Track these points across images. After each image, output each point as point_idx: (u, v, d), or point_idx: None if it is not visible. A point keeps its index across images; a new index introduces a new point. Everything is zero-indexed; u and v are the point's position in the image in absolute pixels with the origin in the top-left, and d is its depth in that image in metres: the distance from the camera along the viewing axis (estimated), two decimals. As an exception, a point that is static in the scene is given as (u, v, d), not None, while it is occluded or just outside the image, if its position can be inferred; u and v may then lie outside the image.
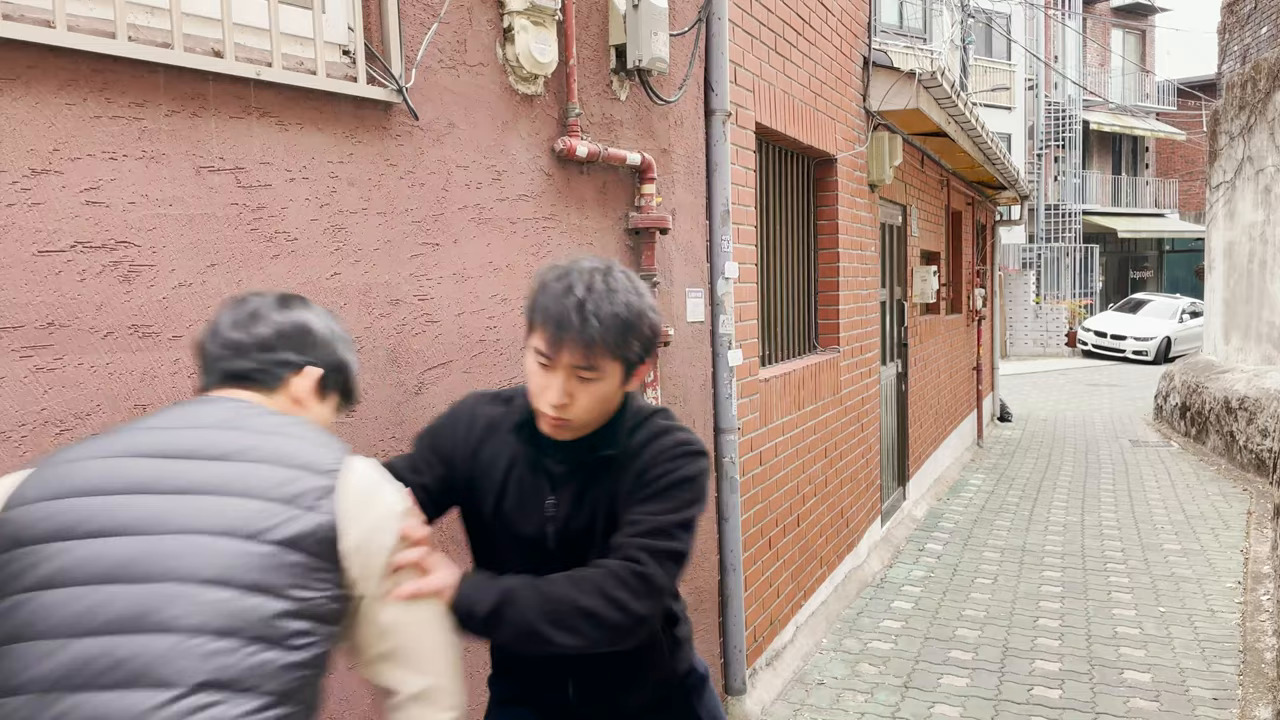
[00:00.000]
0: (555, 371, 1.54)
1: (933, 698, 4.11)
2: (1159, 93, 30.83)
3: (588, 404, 1.56)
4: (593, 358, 1.51)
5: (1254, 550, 6.26)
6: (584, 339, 1.49)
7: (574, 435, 1.61)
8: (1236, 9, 11.34)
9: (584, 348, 1.50)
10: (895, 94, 5.78)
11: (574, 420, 1.57)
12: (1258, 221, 10.04)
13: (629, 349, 1.54)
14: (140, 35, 1.68)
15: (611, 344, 1.51)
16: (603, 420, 1.63)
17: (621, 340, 1.52)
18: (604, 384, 1.56)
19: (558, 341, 1.51)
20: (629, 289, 1.55)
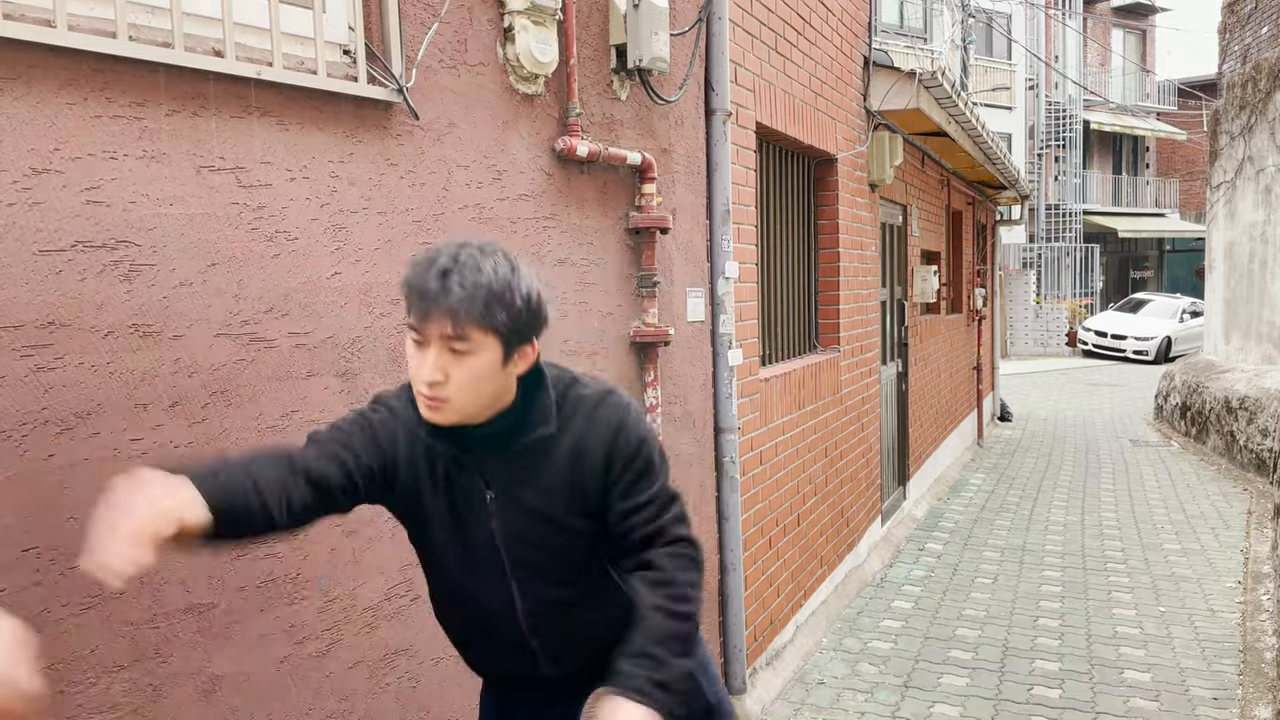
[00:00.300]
0: (428, 347, 1.49)
1: (933, 697, 4.11)
2: (1159, 92, 30.82)
3: (463, 381, 1.50)
4: (460, 326, 1.46)
5: (1254, 550, 6.26)
6: (448, 305, 1.45)
7: (455, 420, 1.54)
8: (1237, 9, 11.34)
9: (449, 315, 1.45)
10: (896, 94, 5.78)
11: (451, 400, 1.51)
12: (1258, 221, 10.04)
13: (495, 318, 1.48)
14: (141, 35, 1.68)
15: (478, 312, 1.46)
16: (488, 402, 1.56)
17: (486, 308, 1.47)
18: (478, 360, 1.49)
19: (425, 312, 1.47)
20: (500, 263, 1.50)
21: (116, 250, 1.65)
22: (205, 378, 1.80)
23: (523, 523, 1.64)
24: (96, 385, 1.63)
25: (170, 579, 1.74)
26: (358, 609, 2.13)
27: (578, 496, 1.64)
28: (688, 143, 3.55)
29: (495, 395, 1.56)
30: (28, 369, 1.54)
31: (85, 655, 1.62)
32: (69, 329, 1.59)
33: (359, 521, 2.13)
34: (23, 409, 1.53)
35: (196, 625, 1.79)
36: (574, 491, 1.64)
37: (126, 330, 1.67)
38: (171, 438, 1.74)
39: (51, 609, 1.57)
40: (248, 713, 1.88)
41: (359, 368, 2.13)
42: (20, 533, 1.53)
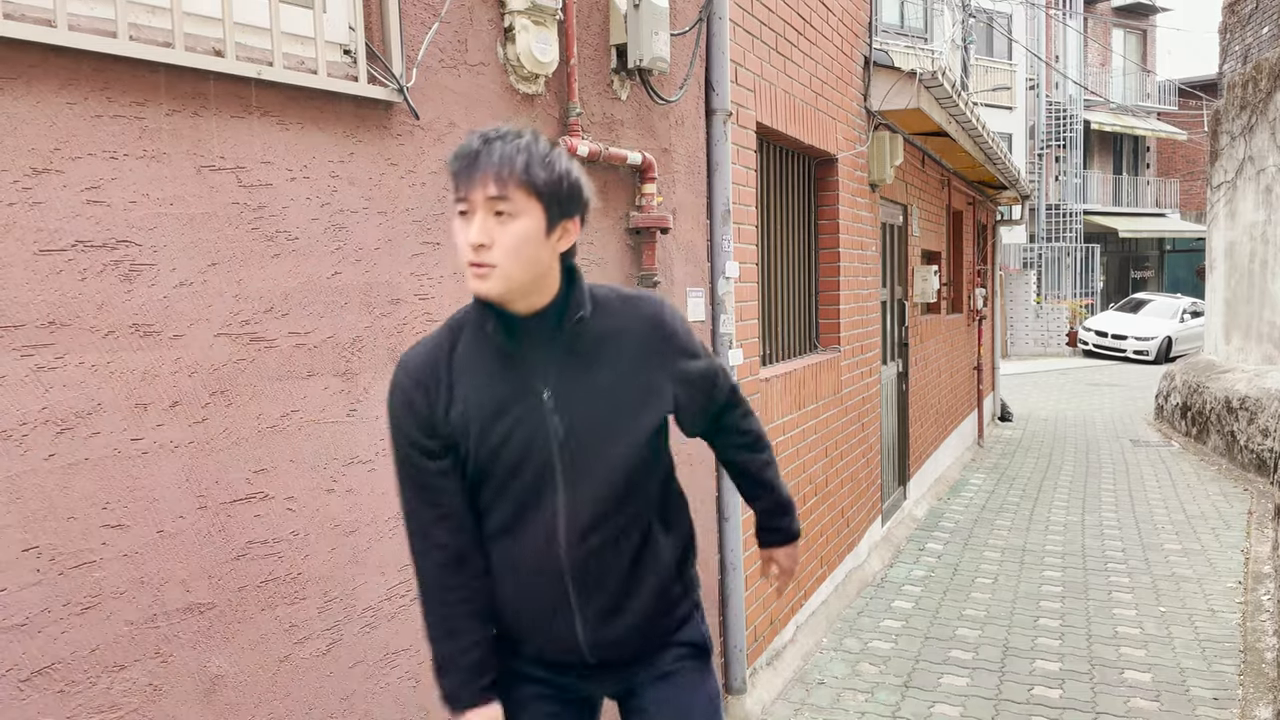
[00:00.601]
0: (473, 215, 1.55)
1: (933, 697, 4.11)
2: (1160, 92, 30.82)
3: (508, 245, 1.54)
4: (503, 184, 1.52)
5: (1254, 550, 6.26)
6: (490, 164, 1.52)
7: (500, 290, 1.57)
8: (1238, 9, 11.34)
9: (493, 174, 1.52)
10: (896, 94, 5.78)
11: (498, 265, 1.55)
12: (1259, 221, 10.04)
13: (536, 177, 1.54)
14: (141, 35, 1.68)
15: (520, 168, 1.52)
16: (532, 277, 1.59)
17: (527, 168, 1.53)
18: (521, 223, 1.55)
19: (469, 177, 1.53)
20: (540, 138, 1.59)
21: (117, 250, 1.65)
22: (205, 377, 1.80)
23: (585, 421, 1.65)
24: (97, 385, 1.63)
25: (170, 579, 1.74)
26: (358, 609, 2.13)
27: (649, 398, 1.70)
28: (688, 143, 3.55)
29: (539, 271, 1.60)
30: (28, 368, 1.54)
31: (85, 655, 1.62)
32: (69, 328, 1.59)
33: (359, 521, 2.13)
34: (23, 408, 1.53)
35: (197, 625, 1.79)
36: (644, 395, 1.69)
37: (127, 330, 1.67)
38: (172, 438, 1.74)
39: (52, 609, 1.57)
40: (248, 713, 1.88)
41: (359, 368, 2.13)
42: (21, 532, 1.53)
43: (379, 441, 2.18)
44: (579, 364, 1.66)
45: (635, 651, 1.81)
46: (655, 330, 1.72)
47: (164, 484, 1.73)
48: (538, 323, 1.64)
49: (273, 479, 1.93)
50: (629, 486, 1.71)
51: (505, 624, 1.79)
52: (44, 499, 1.56)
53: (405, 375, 1.68)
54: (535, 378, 1.65)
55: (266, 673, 1.92)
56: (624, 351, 1.69)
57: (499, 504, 1.70)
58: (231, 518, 1.85)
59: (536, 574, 1.71)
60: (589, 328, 1.67)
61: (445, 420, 1.65)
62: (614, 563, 1.73)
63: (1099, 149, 29.68)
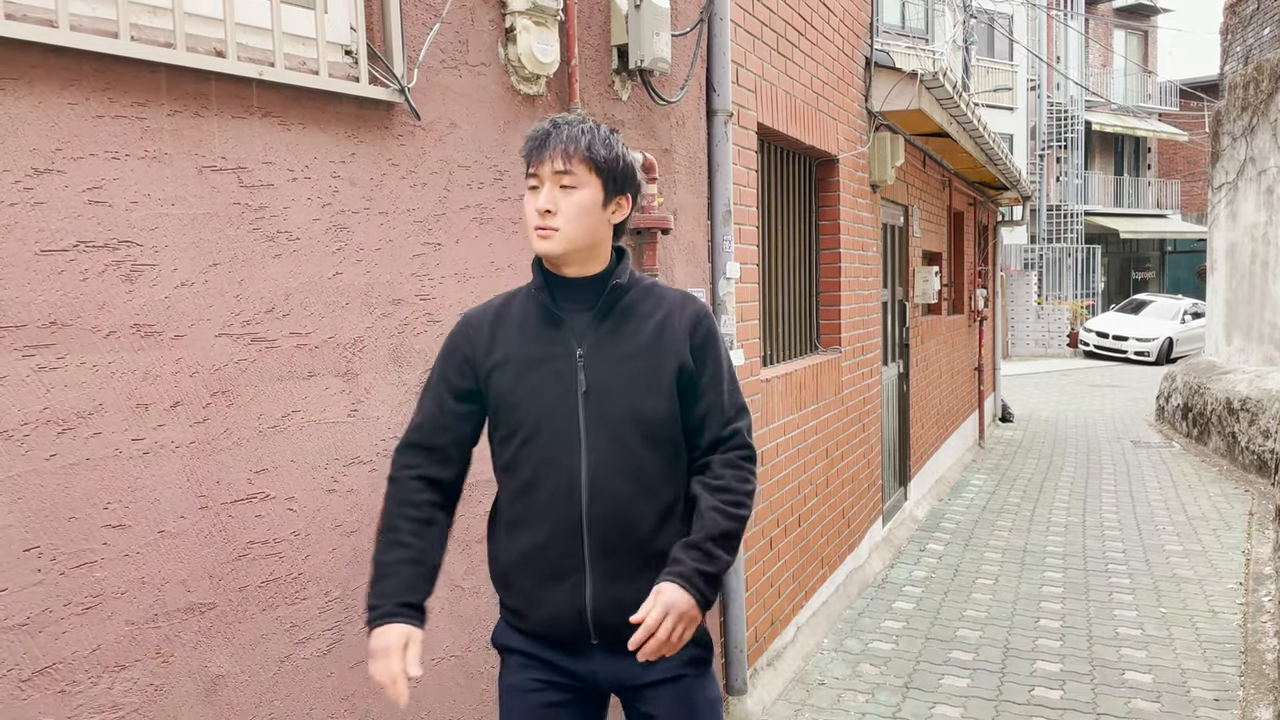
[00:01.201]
0: (541, 187, 1.76)
1: (934, 698, 4.11)
2: (1161, 93, 30.81)
3: (570, 212, 1.76)
4: (568, 159, 1.75)
5: (1255, 551, 6.26)
6: (559, 142, 1.75)
7: (561, 249, 1.77)
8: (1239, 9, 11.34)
9: (561, 150, 1.75)
10: (897, 94, 5.78)
11: (560, 229, 1.76)
12: (1260, 222, 10.04)
13: (597, 154, 1.76)
14: (143, 35, 1.68)
15: (584, 146, 1.76)
16: (589, 242, 1.80)
17: (590, 146, 1.76)
18: (582, 194, 1.77)
19: (539, 155, 1.77)
20: (600, 125, 1.82)
21: (118, 250, 1.65)
22: (206, 378, 1.80)
23: (606, 378, 1.80)
24: (98, 385, 1.63)
25: (171, 579, 1.75)
26: (359, 609, 2.13)
27: (661, 366, 1.82)
28: (689, 143, 3.55)
29: (595, 239, 1.81)
30: (29, 368, 1.54)
31: (86, 655, 1.62)
32: (70, 329, 1.59)
33: (360, 521, 2.13)
34: (24, 408, 1.53)
35: (198, 625, 1.79)
36: (658, 359, 1.82)
37: (128, 330, 1.67)
38: (173, 438, 1.74)
39: (53, 608, 1.57)
40: (248, 712, 1.89)
41: (360, 368, 2.13)
42: (22, 532, 1.53)
43: (380, 442, 2.18)
44: (611, 330, 1.83)
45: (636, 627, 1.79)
46: (692, 321, 1.86)
47: (165, 484, 1.73)
48: (582, 289, 1.83)
49: (274, 479, 1.93)
50: (648, 452, 1.81)
51: (515, 588, 1.85)
52: (45, 499, 1.56)
53: (462, 322, 1.91)
54: (571, 337, 1.82)
55: (267, 673, 1.92)
56: (654, 329, 1.83)
57: (526, 457, 1.81)
58: (233, 518, 1.85)
59: (555, 527, 1.79)
60: (627, 301, 1.85)
61: (484, 366, 1.84)
62: (633, 525, 1.80)
63: (1100, 150, 29.67)
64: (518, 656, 1.87)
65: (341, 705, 2.09)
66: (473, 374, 1.85)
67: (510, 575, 1.85)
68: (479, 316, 1.90)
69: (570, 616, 1.80)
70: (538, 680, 1.85)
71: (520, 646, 1.86)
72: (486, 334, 1.86)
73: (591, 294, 1.83)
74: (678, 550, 1.76)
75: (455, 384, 1.85)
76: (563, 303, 1.83)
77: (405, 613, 1.75)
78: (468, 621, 2.45)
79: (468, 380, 1.85)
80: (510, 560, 1.85)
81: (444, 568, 2.36)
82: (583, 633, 1.81)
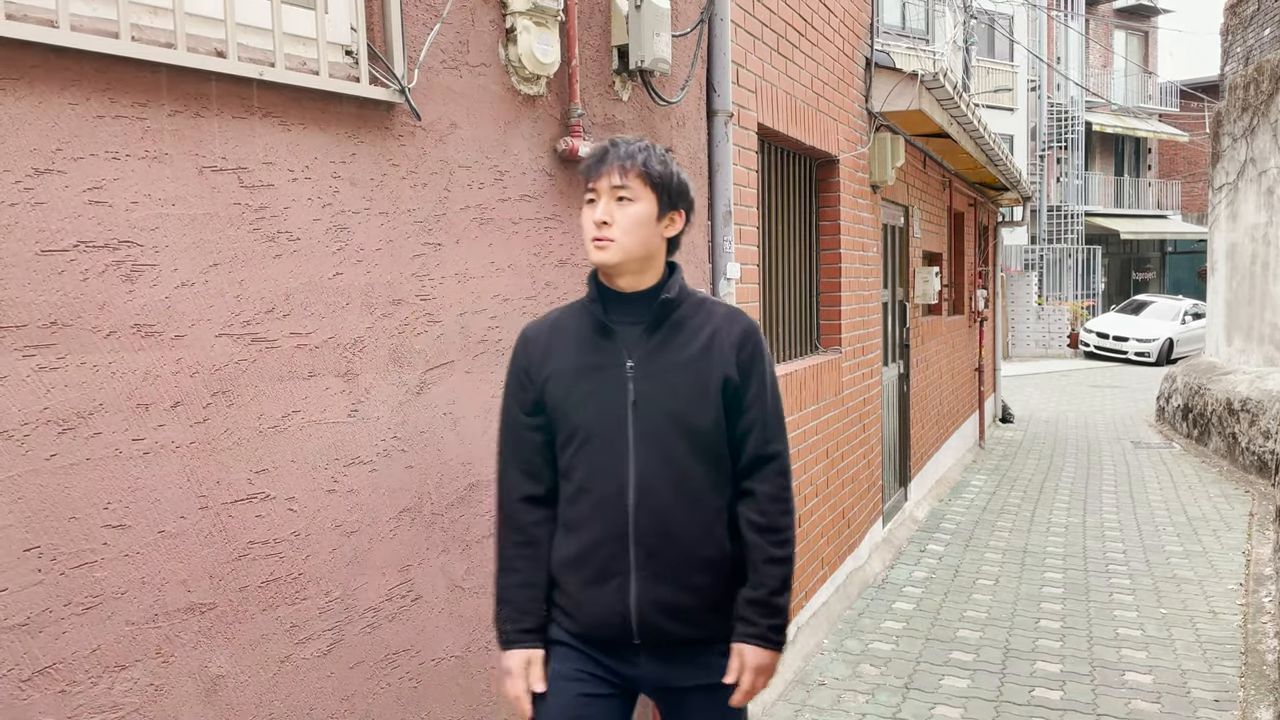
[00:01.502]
0: (599, 200, 1.87)
1: (934, 699, 4.11)
2: (1161, 94, 30.80)
3: (626, 224, 1.85)
4: (625, 174, 1.85)
5: (1256, 552, 6.25)
6: (616, 158, 1.86)
7: (617, 259, 1.86)
8: (1239, 10, 11.34)
9: (618, 166, 1.85)
10: (898, 95, 5.78)
11: (616, 240, 1.85)
12: (1260, 223, 10.04)
13: (652, 169, 1.87)
14: (143, 35, 1.68)
15: (639, 162, 1.86)
16: (643, 254, 1.89)
17: (645, 162, 1.86)
18: (637, 207, 1.86)
19: (597, 170, 1.87)
20: (655, 145, 1.93)
21: (118, 250, 1.65)
22: (206, 378, 1.80)
23: (655, 388, 1.88)
24: (98, 385, 1.63)
25: (171, 579, 1.75)
26: (359, 609, 2.13)
27: (708, 378, 1.89)
28: (689, 144, 3.55)
29: (649, 250, 1.90)
30: (30, 369, 1.54)
31: (86, 655, 1.62)
32: (71, 329, 1.59)
33: (360, 522, 2.13)
34: (25, 408, 1.53)
35: (198, 625, 1.79)
36: (705, 372, 1.89)
37: (128, 330, 1.67)
38: (173, 438, 1.74)
39: (53, 608, 1.57)
40: (248, 713, 1.89)
41: (360, 368, 2.13)
42: (22, 532, 1.53)
43: (380, 442, 2.18)
44: (661, 343, 1.91)
45: (681, 636, 1.91)
46: (740, 337, 1.93)
47: (165, 484, 1.73)
48: (635, 302, 1.92)
49: (274, 479, 1.93)
50: (694, 460, 1.89)
51: (564, 589, 1.94)
52: (45, 499, 1.56)
53: (520, 338, 2.02)
54: (623, 349, 1.90)
55: (267, 673, 1.92)
56: (703, 342, 1.91)
57: (579, 462, 1.90)
58: (233, 518, 1.85)
59: (603, 530, 1.88)
60: (678, 315, 1.93)
61: (539, 376, 1.94)
62: (678, 531, 1.88)
63: (1100, 150, 29.67)
64: (564, 648, 1.96)
65: (342, 705, 2.09)
66: (532, 385, 1.95)
67: (560, 576, 1.95)
68: (535, 330, 2.00)
69: (614, 618, 1.89)
70: (581, 670, 1.94)
71: (569, 641, 1.96)
72: (542, 346, 1.96)
73: (643, 307, 1.91)
74: (746, 609, 1.90)
75: (521, 398, 1.96)
76: (615, 315, 1.92)
77: (523, 638, 1.93)
78: (468, 621, 2.45)
79: (529, 392, 1.95)
80: (561, 561, 1.94)
81: (444, 568, 2.36)
82: (626, 634, 1.89)
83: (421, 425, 2.29)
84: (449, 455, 2.37)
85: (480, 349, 2.48)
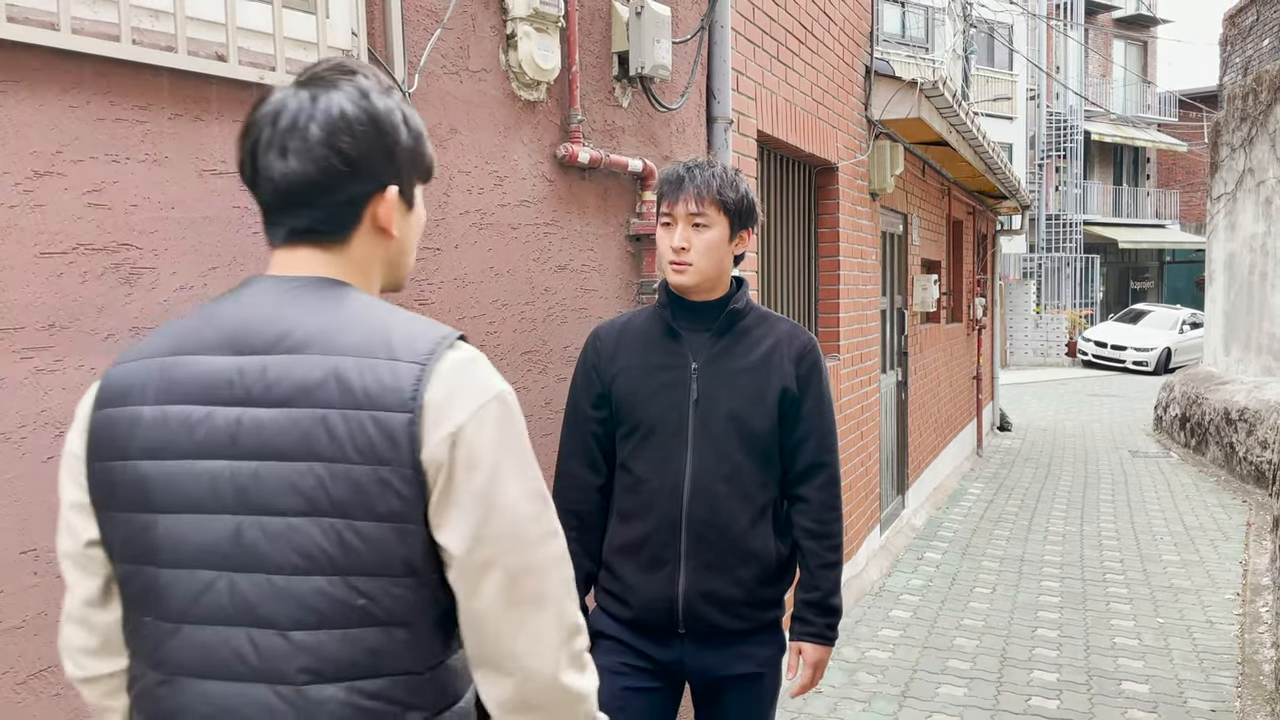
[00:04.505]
0: (675, 225, 2.01)
1: (930, 707, 4.11)
2: (1160, 104, 30.87)
3: (701, 248, 2.00)
4: (701, 203, 1.98)
5: (1253, 562, 6.25)
6: (693, 188, 1.99)
7: (694, 282, 2.01)
8: (1238, 21, 11.38)
9: (694, 194, 1.98)
10: (897, 103, 5.79)
11: (694, 263, 2.00)
12: (1258, 233, 10.05)
13: (726, 197, 2.00)
14: (144, 39, 1.69)
15: (715, 191, 1.98)
16: (716, 274, 2.03)
17: (720, 190, 1.99)
18: (712, 232, 2.00)
19: (674, 197, 2.00)
20: (727, 166, 2.07)
21: (118, 253, 1.65)
22: (205, 381, 1.80)
23: (716, 390, 2.02)
24: (96, 388, 1.63)
25: (168, 582, 1.74)
26: (355, 614, 2.12)
27: (767, 385, 2.03)
28: (689, 150, 3.56)
29: (720, 270, 2.04)
30: (28, 371, 1.54)
31: (82, 658, 1.61)
32: (69, 331, 1.59)
33: (357, 526, 2.12)
34: (22, 410, 1.53)
35: (193, 629, 1.78)
36: (764, 379, 2.03)
37: (127, 333, 1.67)
38: (170, 441, 1.74)
39: (49, 611, 1.57)
40: (244, 717, 1.88)
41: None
42: (18, 534, 1.53)
43: (378, 446, 2.17)
44: (725, 349, 2.06)
45: (723, 627, 2.04)
46: (799, 351, 2.07)
47: (162, 487, 1.73)
48: (703, 311, 2.07)
49: (271, 483, 1.93)
50: (746, 459, 2.03)
51: (616, 575, 2.09)
52: (42, 501, 1.56)
53: (591, 336, 2.18)
54: (689, 352, 2.06)
55: (263, 677, 1.92)
56: (765, 352, 2.05)
57: (639, 455, 2.05)
58: (229, 521, 1.85)
59: (658, 519, 2.03)
60: (742, 324, 2.07)
61: (608, 372, 2.09)
62: (728, 524, 2.02)
63: (1099, 160, 29.73)
64: (610, 641, 2.09)
65: (337, 710, 2.08)
66: (600, 380, 2.11)
67: (614, 562, 2.09)
68: (606, 330, 2.16)
69: (663, 604, 2.03)
70: (625, 664, 2.06)
71: (614, 633, 2.08)
72: (612, 344, 2.12)
73: (711, 316, 2.06)
74: (803, 610, 2.09)
75: (588, 392, 2.12)
76: (683, 322, 2.07)
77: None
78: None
79: (596, 387, 2.11)
80: (617, 547, 2.09)
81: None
82: (673, 621, 2.03)
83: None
84: (446, 460, 2.36)
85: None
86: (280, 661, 1.05)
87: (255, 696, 1.05)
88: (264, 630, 1.05)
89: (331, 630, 1.05)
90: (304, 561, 1.04)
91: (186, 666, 1.08)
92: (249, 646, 1.05)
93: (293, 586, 1.05)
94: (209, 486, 1.06)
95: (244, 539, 1.05)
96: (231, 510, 1.06)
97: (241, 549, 1.06)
